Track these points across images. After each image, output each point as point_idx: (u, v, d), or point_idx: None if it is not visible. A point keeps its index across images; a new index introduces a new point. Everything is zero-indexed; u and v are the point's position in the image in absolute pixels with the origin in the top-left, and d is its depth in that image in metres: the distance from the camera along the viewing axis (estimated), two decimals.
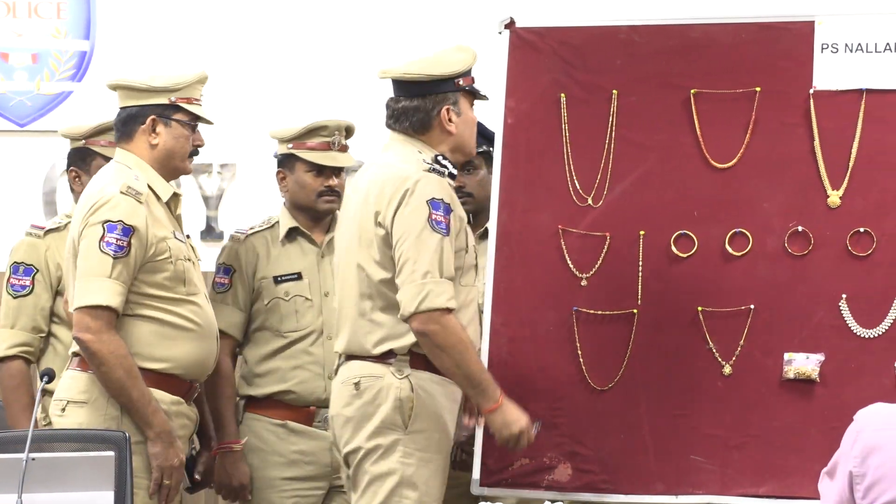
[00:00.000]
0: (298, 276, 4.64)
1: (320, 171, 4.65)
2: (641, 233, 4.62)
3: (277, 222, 4.74)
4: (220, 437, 4.57)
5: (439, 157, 4.24)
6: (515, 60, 4.63)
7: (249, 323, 4.68)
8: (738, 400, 4.58)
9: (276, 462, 4.58)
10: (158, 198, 4.33)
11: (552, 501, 4.08)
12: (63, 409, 4.23)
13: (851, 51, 4.54)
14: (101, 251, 4.14)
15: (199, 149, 4.41)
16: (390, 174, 4.19)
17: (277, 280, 4.64)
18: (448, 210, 4.17)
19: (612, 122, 4.59)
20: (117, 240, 4.15)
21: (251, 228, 4.75)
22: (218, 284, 4.66)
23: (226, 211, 6.30)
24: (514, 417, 4.22)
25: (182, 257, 4.29)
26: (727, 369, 4.60)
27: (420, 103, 4.25)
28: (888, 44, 4.51)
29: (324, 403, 4.51)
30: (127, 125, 4.34)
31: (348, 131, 4.75)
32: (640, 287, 4.61)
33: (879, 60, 4.52)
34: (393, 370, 4.17)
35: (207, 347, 4.34)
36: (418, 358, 4.21)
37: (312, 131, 4.65)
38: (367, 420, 4.17)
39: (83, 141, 4.82)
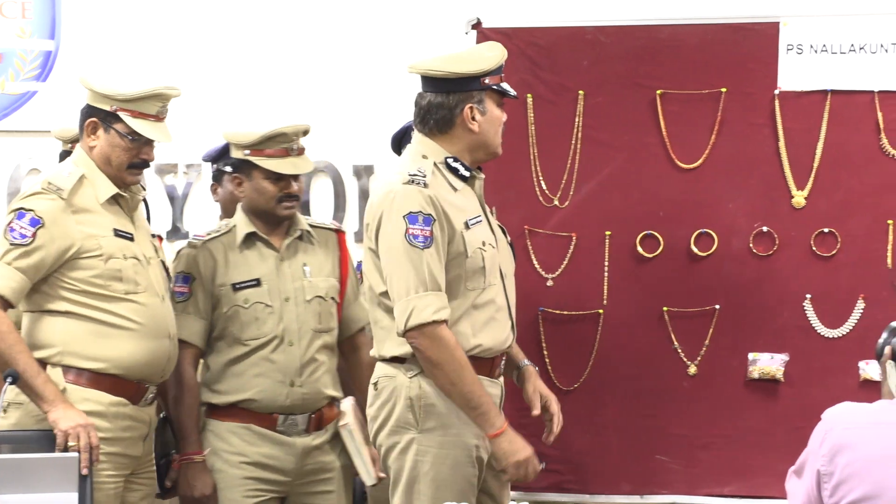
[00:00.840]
0: (257, 283, 4.52)
1: (279, 177, 4.57)
2: (607, 233, 4.63)
3: (234, 227, 4.60)
4: (181, 448, 4.46)
5: (449, 159, 4.19)
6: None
7: (211, 330, 4.59)
8: (704, 400, 4.60)
9: (239, 462, 4.47)
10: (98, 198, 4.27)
11: (517, 501, 4.07)
12: (5, 411, 4.20)
13: (816, 52, 4.56)
14: (3, 236, 4.13)
15: (147, 163, 4.32)
16: (381, 186, 4.19)
17: (236, 287, 4.52)
18: (428, 221, 4.09)
19: (579, 122, 4.60)
20: (21, 228, 4.11)
21: (208, 234, 4.62)
22: (177, 294, 4.52)
23: (191, 211, 6.28)
24: (519, 446, 4.08)
25: (120, 255, 4.19)
26: (692, 369, 4.61)
27: (444, 100, 4.17)
28: (852, 45, 4.54)
29: (286, 410, 4.47)
30: (79, 123, 4.34)
31: (305, 133, 4.66)
32: (605, 287, 4.62)
33: (844, 61, 4.54)
34: (404, 370, 4.17)
35: (153, 347, 4.24)
36: None
37: (271, 139, 4.53)
38: (386, 419, 4.17)
39: (70, 144, 4.83)
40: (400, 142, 4.86)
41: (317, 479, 4.52)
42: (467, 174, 4.14)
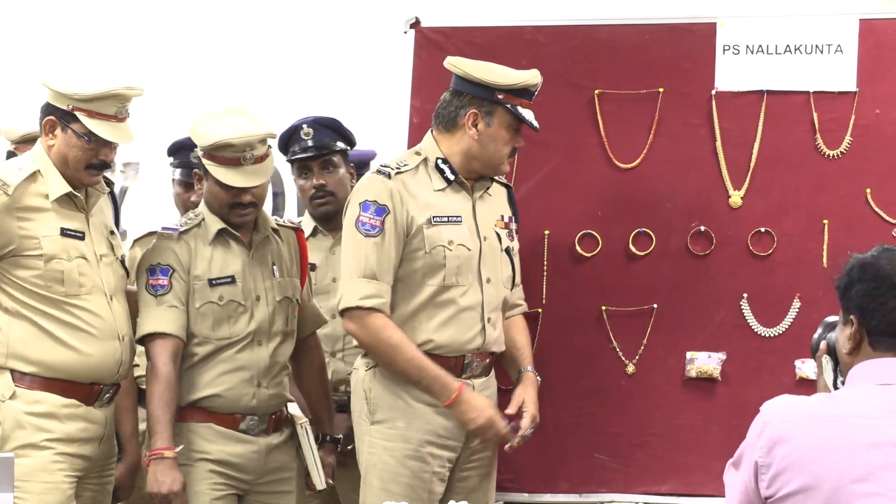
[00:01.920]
0: (232, 280, 4.37)
1: (229, 187, 4.35)
2: (546, 232, 4.64)
3: (202, 220, 4.41)
4: (152, 444, 4.24)
5: (439, 160, 4.27)
6: (421, 60, 4.64)
7: None
8: (641, 399, 4.62)
9: (201, 458, 4.33)
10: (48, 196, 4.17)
11: (457, 501, 4.08)
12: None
13: (752, 52, 4.59)
14: None
15: (106, 164, 4.21)
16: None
17: (213, 283, 4.36)
18: (381, 211, 4.21)
19: None
20: None
21: (182, 225, 4.41)
22: (156, 287, 4.32)
23: (129, 210, 6.24)
24: (474, 413, 4.22)
25: (64, 256, 4.11)
26: (630, 368, 4.63)
27: (453, 98, 4.28)
28: (788, 45, 4.57)
29: (250, 411, 4.36)
30: (39, 120, 4.23)
31: (262, 142, 4.37)
32: (544, 286, 4.63)
33: (779, 62, 4.57)
34: (364, 364, 4.29)
35: (101, 350, 4.16)
36: None
37: (219, 148, 4.29)
38: (352, 410, 4.34)
39: (16, 146, 4.80)
40: (287, 141, 4.86)
41: (277, 478, 4.43)
42: (451, 178, 4.26)
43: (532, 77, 4.26)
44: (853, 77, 4.55)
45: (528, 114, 4.25)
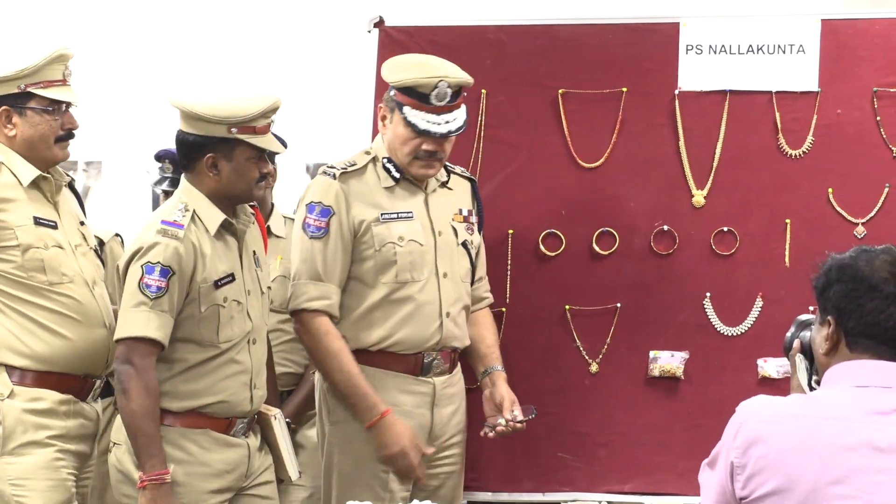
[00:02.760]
0: (232, 278, 4.06)
1: (260, 156, 4.08)
2: (510, 231, 4.64)
3: (193, 212, 4.04)
4: (150, 466, 3.91)
5: (384, 159, 4.29)
6: (385, 59, 4.63)
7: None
8: (605, 398, 4.63)
9: (203, 473, 4.04)
10: (21, 183, 4.08)
11: (420, 500, 4.07)
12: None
13: (715, 52, 4.60)
14: None
15: (72, 132, 4.13)
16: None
17: (218, 284, 4.02)
18: (325, 212, 4.22)
19: (481, 121, 4.61)
20: None
21: (178, 223, 4.01)
22: (153, 287, 3.92)
23: (92, 208, 6.21)
24: (390, 440, 4.19)
25: (41, 245, 4.04)
26: (594, 367, 4.64)
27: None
28: (751, 45, 4.58)
29: (246, 414, 4.11)
30: None
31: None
32: (508, 285, 4.63)
33: (742, 62, 4.59)
34: None
35: (90, 339, 4.09)
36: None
37: (264, 115, 4.02)
38: (316, 410, 4.36)
39: None
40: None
41: (259, 481, 4.20)
42: (397, 176, 4.27)
43: (414, 63, 4.26)
44: (815, 77, 4.57)
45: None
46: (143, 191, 4.82)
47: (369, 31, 4.66)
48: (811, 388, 3.03)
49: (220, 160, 4.03)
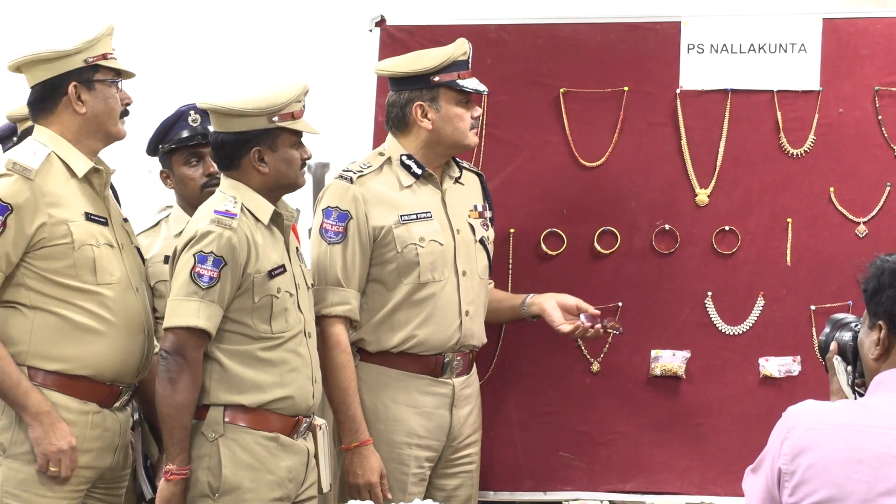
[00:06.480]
0: (283, 270, 4.01)
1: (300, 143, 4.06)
2: (511, 231, 4.64)
3: (241, 204, 3.99)
4: (180, 460, 3.88)
5: (403, 157, 4.27)
6: (386, 58, 4.62)
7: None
8: (606, 397, 4.63)
9: (269, 481, 3.96)
10: (74, 175, 3.91)
11: (438, 501, 4.08)
12: None
13: (717, 51, 4.60)
14: None
15: (128, 108, 3.99)
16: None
17: (272, 274, 3.97)
18: (343, 217, 4.21)
19: (482, 120, 4.60)
20: None
21: (232, 215, 3.95)
22: (205, 278, 3.86)
23: None
24: (361, 470, 4.17)
25: (93, 242, 3.87)
26: (595, 366, 4.64)
27: (395, 99, 4.30)
28: (752, 45, 4.58)
29: (309, 412, 4.06)
30: (45, 100, 3.93)
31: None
32: (509, 285, 4.63)
33: (744, 61, 4.58)
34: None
35: (128, 346, 3.93)
36: (365, 352, 4.29)
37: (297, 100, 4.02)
38: None
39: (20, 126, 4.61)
40: (170, 128, 4.69)
41: (306, 496, 4.12)
42: (419, 172, 4.27)
43: (458, 47, 4.28)
44: (817, 76, 4.57)
45: (470, 83, 4.29)
46: (142, 191, 4.81)
47: (371, 31, 4.66)
48: (853, 391, 2.99)
49: (265, 152, 4.00)
